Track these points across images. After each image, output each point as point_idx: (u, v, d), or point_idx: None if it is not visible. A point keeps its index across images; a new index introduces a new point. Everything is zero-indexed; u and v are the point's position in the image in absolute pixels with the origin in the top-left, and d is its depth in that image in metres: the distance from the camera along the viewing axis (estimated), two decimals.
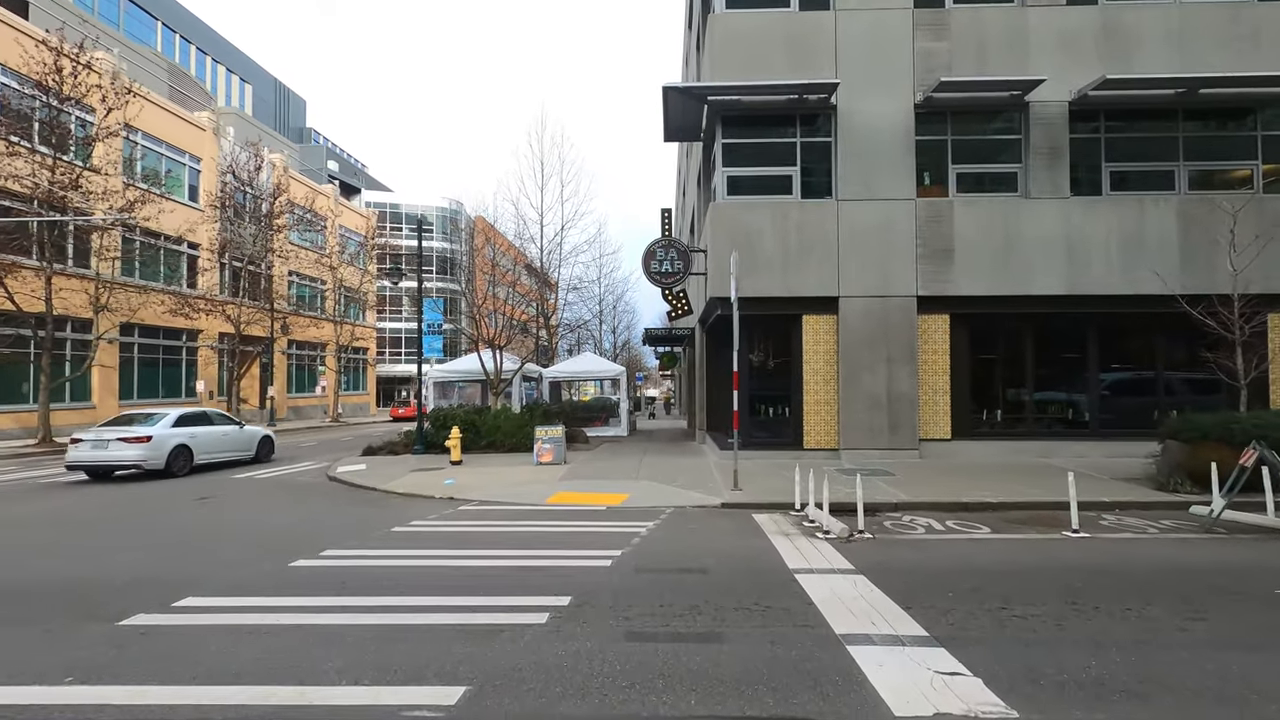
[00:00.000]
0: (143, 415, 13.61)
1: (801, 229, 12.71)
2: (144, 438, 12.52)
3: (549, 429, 13.05)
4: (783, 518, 8.20)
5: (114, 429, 12.79)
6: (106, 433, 12.60)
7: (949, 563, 5.89)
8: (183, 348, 28.36)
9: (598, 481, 10.95)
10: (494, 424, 16.44)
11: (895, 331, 12.60)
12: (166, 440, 12.88)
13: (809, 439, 12.85)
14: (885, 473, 11.16)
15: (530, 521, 8.01)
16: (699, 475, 11.38)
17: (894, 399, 12.54)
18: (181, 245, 28.12)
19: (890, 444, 12.52)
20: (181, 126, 28.30)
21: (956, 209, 12.66)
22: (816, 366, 12.89)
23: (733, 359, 10.13)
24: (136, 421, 13.14)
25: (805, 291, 12.70)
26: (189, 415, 13.98)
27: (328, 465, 14.80)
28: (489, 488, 10.63)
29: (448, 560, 6.09)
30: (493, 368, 17.61)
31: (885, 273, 12.64)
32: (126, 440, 12.40)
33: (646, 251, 13.54)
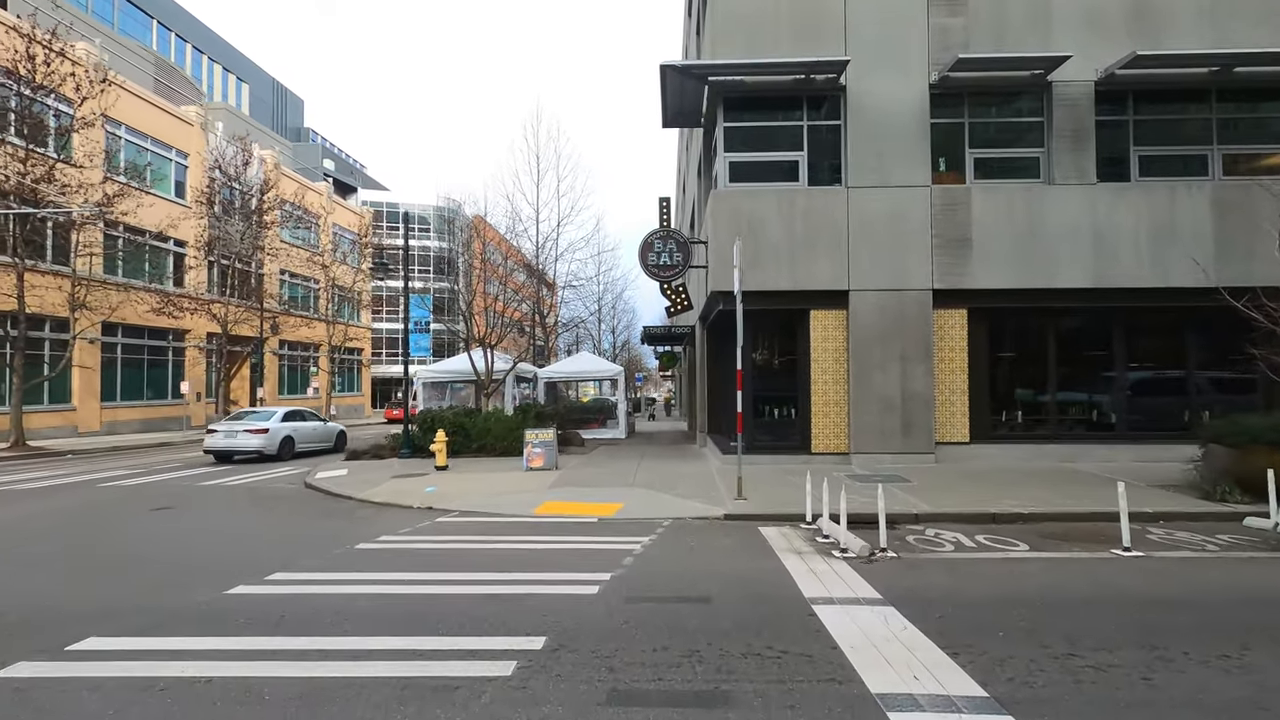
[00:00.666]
0: (258, 412, 16.61)
1: (809, 218, 11.91)
2: (262, 429, 15.52)
3: (540, 432, 12.25)
4: (793, 532, 7.38)
5: (240, 423, 15.78)
6: (235, 425, 15.66)
7: (990, 589, 5.07)
8: (169, 348, 27.55)
9: (590, 489, 10.15)
10: (484, 427, 15.64)
11: (909, 327, 11.79)
12: (278, 432, 15.87)
13: (817, 442, 12.04)
14: (901, 479, 10.35)
15: (512, 537, 7.20)
16: (699, 482, 10.57)
17: (908, 399, 11.72)
18: (168, 243, 27.36)
19: (904, 448, 11.70)
20: (167, 121, 27.52)
21: (974, 196, 11.85)
22: (825, 365, 12.08)
23: (736, 357, 9.33)
24: (254, 418, 16.14)
25: (813, 285, 11.89)
26: (291, 412, 17.10)
27: (308, 470, 14.02)
28: (472, 496, 9.82)
29: (410, 587, 5.28)
30: (483, 368, 16.81)
31: (898, 264, 11.83)
32: (250, 431, 15.41)
33: (644, 243, 12.73)
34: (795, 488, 9.74)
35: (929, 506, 8.38)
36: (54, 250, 20.83)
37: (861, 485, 9.86)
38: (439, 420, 15.84)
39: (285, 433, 16.09)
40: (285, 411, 16.71)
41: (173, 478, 12.93)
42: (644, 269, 12.73)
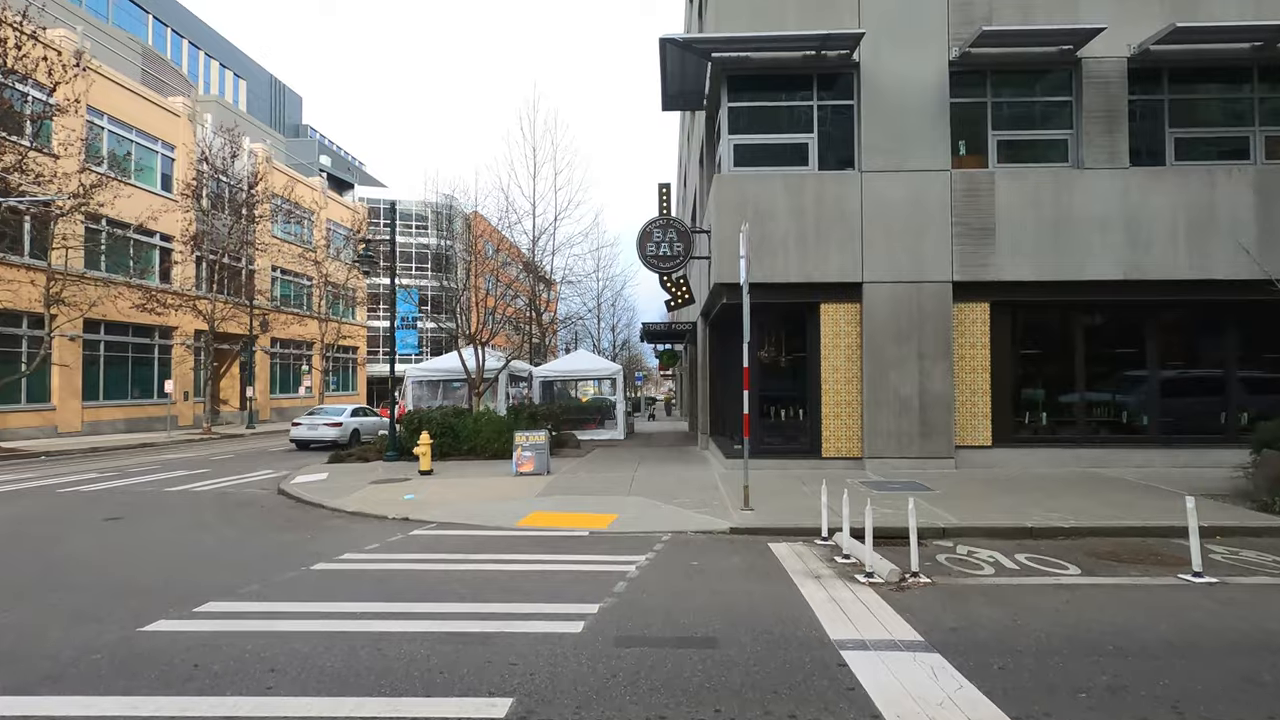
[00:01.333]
0: (330, 409, 19.71)
1: (820, 205, 11.08)
2: (337, 423, 18.68)
3: (531, 434, 11.43)
4: (807, 550, 6.56)
5: (318, 418, 18.98)
6: (315, 420, 18.87)
7: (1051, 628, 4.25)
8: (154, 346, 26.77)
9: (583, 498, 9.33)
10: (473, 428, 14.84)
11: (928, 322, 10.96)
12: (349, 425, 18.87)
13: (828, 446, 11.21)
14: (920, 487, 9.52)
15: (491, 555, 6.38)
16: (702, 490, 9.74)
17: (926, 400, 10.90)
18: (154, 237, 26.59)
19: (922, 452, 10.88)
20: (153, 112, 26.71)
21: (998, 182, 11.02)
22: (837, 363, 11.25)
23: (742, 353, 8.51)
24: (328, 413, 19.25)
25: (824, 276, 11.06)
26: (357, 409, 19.97)
27: (287, 474, 13.23)
28: (454, 505, 9.01)
29: (361, 622, 4.46)
30: (474, 366, 15.99)
31: (916, 255, 11.00)
32: (328, 425, 18.64)
33: (642, 232, 11.91)
34: (806, 497, 8.94)
35: (956, 519, 7.56)
36: (31, 243, 20.07)
37: (879, 494, 9.04)
38: (426, 421, 15.05)
39: (354, 426, 18.90)
40: (353, 409, 19.60)
41: (141, 482, 12.14)
42: (642, 260, 11.91)
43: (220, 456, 17.22)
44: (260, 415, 33.32)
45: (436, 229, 15.62)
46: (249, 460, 16.29)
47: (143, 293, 23.34)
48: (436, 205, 16.51)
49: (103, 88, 24.11)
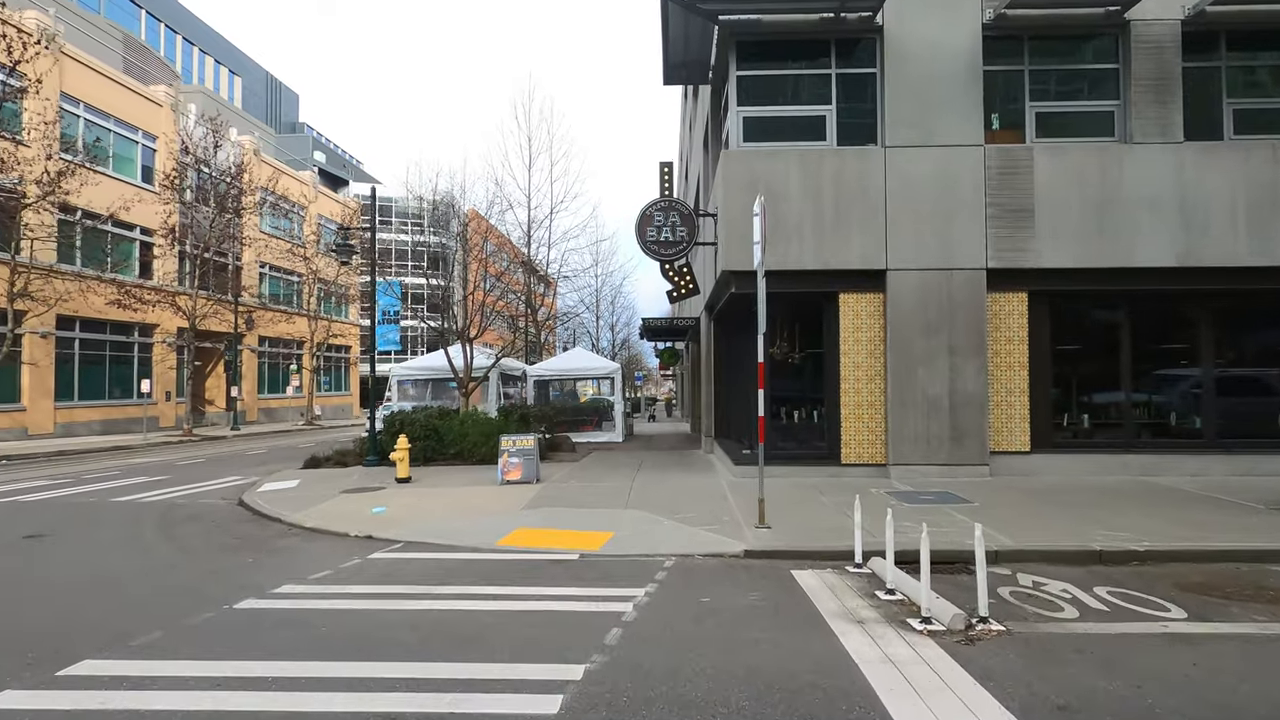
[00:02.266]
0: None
1: (839, 184, 9.98)
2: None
3: (518, 439, 10.32)
4: (840, 581, 5.45)
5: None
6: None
7: (1193, 709, 3.14)
8: (134, 344, 25.68)
9: (574, 511, 8.22)
10: (460, 431, 13.73)
11: (959, 313, 9.86)
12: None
13: (848, 452, 10.10)
14: (955, 498, 8.41)
15: (458, 588, 5.28)
16: (709, 501, 8.63)
17: (958, 401, 9.79)
18: (134, 231, 25.52)
19: (952, 458, 9.77)
20: (133, 100, 25.64)
21: (1037, 158, 9.92)
22: (858, 359, 10.15)
23: (756, 348, 7.43)
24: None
25: (843, 263, 9.96)
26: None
27: (255, 480, 12.15)
28: (427, 519, 7.91)
29: (261, 696, 3.35)
30: (461, 364, 14.89)
31: (946, 239, 9.90)
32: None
33: (641, 215, 10.81)
34: (828, 510, 7.83)
35: (1009, 539, 6.45)
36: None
37: (910, 507, 7.93)
38: (408, 423, 13.94)
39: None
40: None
41: (90, 490, 11.05)
42: (642, 246, 10.81)
43: (191, 461, 16.13)
44: (248, 416, 32.25)
45: (421, 217, 14.61)
46: (221, 464, 15.21)
47: (118, 288, 22.25)
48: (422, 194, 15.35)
49: (78, 73, 23.06)
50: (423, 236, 16.20)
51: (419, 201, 15.30)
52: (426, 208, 15.31)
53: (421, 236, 15.73)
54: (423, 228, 16.10)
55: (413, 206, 16.95)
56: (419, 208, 15.98)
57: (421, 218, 16.42)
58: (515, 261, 17.99)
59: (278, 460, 15.95)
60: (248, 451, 18.64)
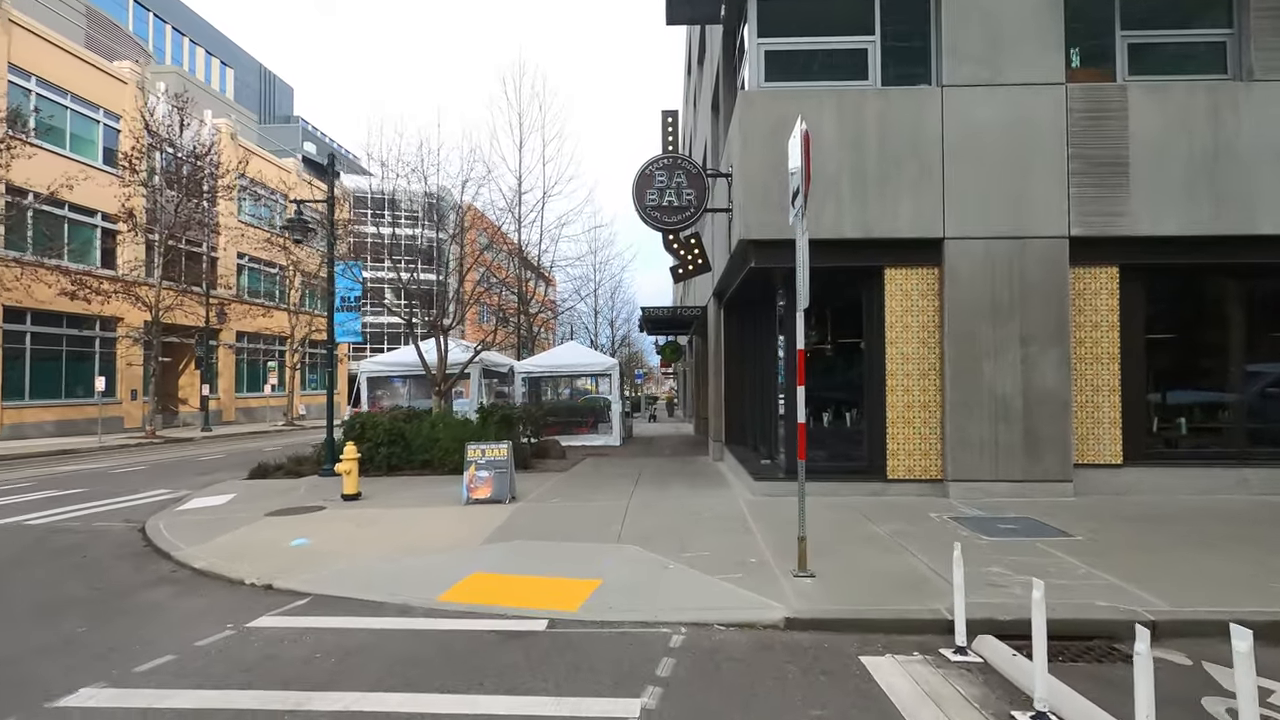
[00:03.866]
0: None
1: (884, 132, 8.05)
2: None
3: (488, 447, 8.40)
4: (940, 679, 3.53)
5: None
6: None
7: None
8: (95, 339, 23.80)
9: (551, 545, 6.29)
10: (430, 435, 11.83)
11: (1034, 293, 7.93)
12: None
13: (895, 464, 8.17)
14: (1046, 528, 6.49)
15: (348, 694, 3.36)
16: (725, 529, 6.70)
17: (1034, 401, 7.86)
18: (94, 216, 23.68)
19: (1028, 474, 7.84)
20: (93, 76, 23.75)
21: (1131, 99, 7.98)
22: (906, 349, 8.22)
23: (791, 330, 5.52)
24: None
25: (889, 230, 8.03)
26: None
27: (186, 494, 10.30)
28: (359, 556, 6.00)
29: None
30: (434, 359, 12.96)
31: (1019, 200, 7.97)
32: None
33: (641, 174, 8.88)
34: (882, 544, 5.89)
35: (1160, 599, 4.51)
36: None
37: (991, 541, 6.00)
38: (371, 426, 12.05)
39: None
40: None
41: None
42: (641, 213, 8.87)
43: (132, 468, 14.25)
44: (224, 416, 30.43)
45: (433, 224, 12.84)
46: (162, 473, 13.32)
47: (68, 277, 20.34)
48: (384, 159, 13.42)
49: (29, 44, 21.18)
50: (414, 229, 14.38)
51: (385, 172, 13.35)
52: (389, 173, 13.36)
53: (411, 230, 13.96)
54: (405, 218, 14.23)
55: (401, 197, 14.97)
56: (407, 200, 14.12)
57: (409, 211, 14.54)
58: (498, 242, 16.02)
59: (232, 467, 14.05)
60: (202, 457, 16.76)
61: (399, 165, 13.16)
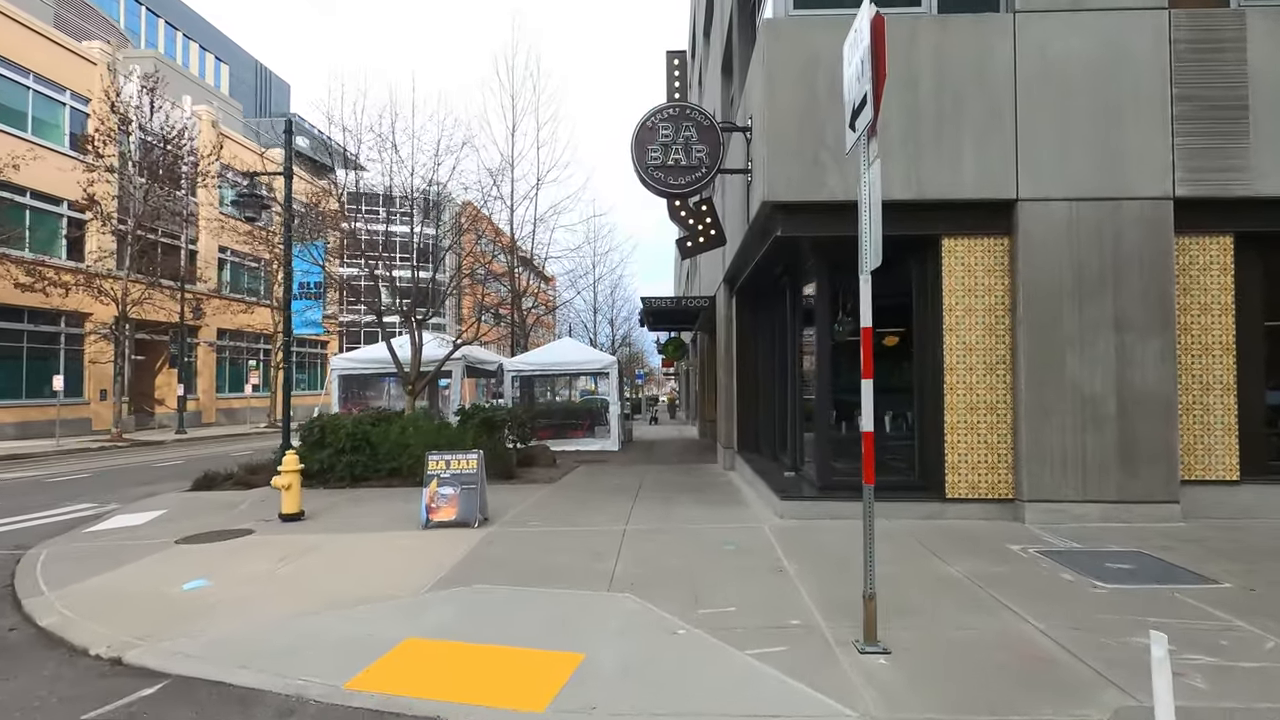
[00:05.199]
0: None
1: (942, 70, 6.52)
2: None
3: (455, 456, 6.86)
4: None
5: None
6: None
7: None
8: (60, 335, 22.31)
9: (520, 594, 4.72)
10: (399, 441, 10.30)
11: (1130, 268, 6.38)
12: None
13: (955, 480, 6.62)
14: (1174, 570, 4.93)
15: None
16: (752, 571, 5.13)
17: (1130, 401, 6.31)
18: (60, 205, 22.23)
19: (1123, 492, 6.28)
20: (59, 55, 22.31)
21: (1251, 26, 6.44)
22: (970, 339, 6.67)
23: (859, 297, 4.12)
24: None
25: (948, 190, 6.49)
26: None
27: (114, 509, 8.83)
28: (266, 607, 4.46)
29: None
30: (407, 355, 11.42)
31: (1110, 153, 6.43)
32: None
33: (641, 127, 7.33)
34: (963, 594, 4.24)
35: None
36: None
37: (1111, 592, 4.43)
38: (335, 429, 10.54)
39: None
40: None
41: None
42: (642, 174, 7.33)
43: (75, 476, 12.76)
44: (204, 417, 28.94)
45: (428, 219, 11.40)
46: (100, 483, 11.82)
47: (25, 268, 18.83)
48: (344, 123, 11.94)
49: None
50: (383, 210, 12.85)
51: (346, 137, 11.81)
52: (350, 138, 11.83)
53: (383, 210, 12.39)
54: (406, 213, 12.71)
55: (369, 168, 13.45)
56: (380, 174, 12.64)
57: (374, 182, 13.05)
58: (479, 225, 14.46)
59: (186, 475, 12.48)
60: (160, 463, 15.24)
61: (360, 131, 11.64)
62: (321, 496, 9.31)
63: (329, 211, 16.16)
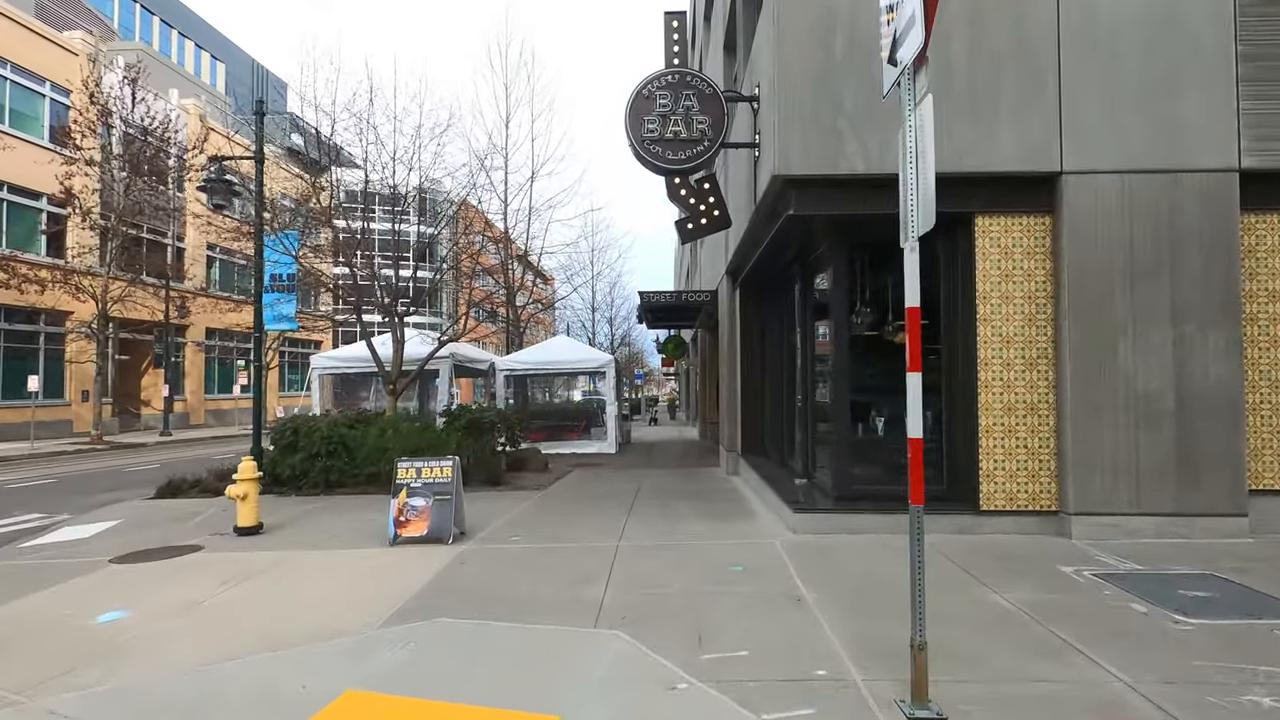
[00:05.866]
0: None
1: (976, 24, 5.78)
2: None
3: (427, 464, 6.11)
4: None
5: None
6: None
7: None
8: (40, 334, 21.59)
9: (491, 628, 3.97)
10: (378, 444, 9.56)
11: (1190, 249, 5.64)
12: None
13: (990, 490, 5.87)
14: (1259, 598, 4.19)
15: None
16: (766, 602, 4.37)
17: (1190, 400, 5.56)
18: (40, 200, 21.53)
19: (1181, 504, 5.54)
20: (38, 45, 21.60)
21: None
22: (1006, 330, 5.93)
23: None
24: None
25: (982, 162, 5.75)
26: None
27: (58, 522, 8.10)
28: (183, 649, 3.70)
29: None
30: (388, 353, 10.68)
31: (1165, 121, 5.68)
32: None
33: (636, 96, 6.58)
34: (1031, 640, 3.37)
35: None
36: None
37: (1198, 629, 3.67)
38: (309, 432, 9.81)
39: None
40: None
41: None
42: (637, 149, 6.57)
43: (39, 481, 12.06)
44: (192, 419, 28.24)
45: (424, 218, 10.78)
46: (62, 490, 11.10)
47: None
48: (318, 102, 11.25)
49: None
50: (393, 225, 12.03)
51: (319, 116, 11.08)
52: (323, 116, 11.09)
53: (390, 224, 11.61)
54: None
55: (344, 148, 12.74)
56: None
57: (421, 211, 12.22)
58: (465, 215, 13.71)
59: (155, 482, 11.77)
60: (134, 467, 14.51)
61: (335, 111, 10.91)
62: (291, 505, 8.58)
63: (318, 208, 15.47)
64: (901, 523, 5.72)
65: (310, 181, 12.66)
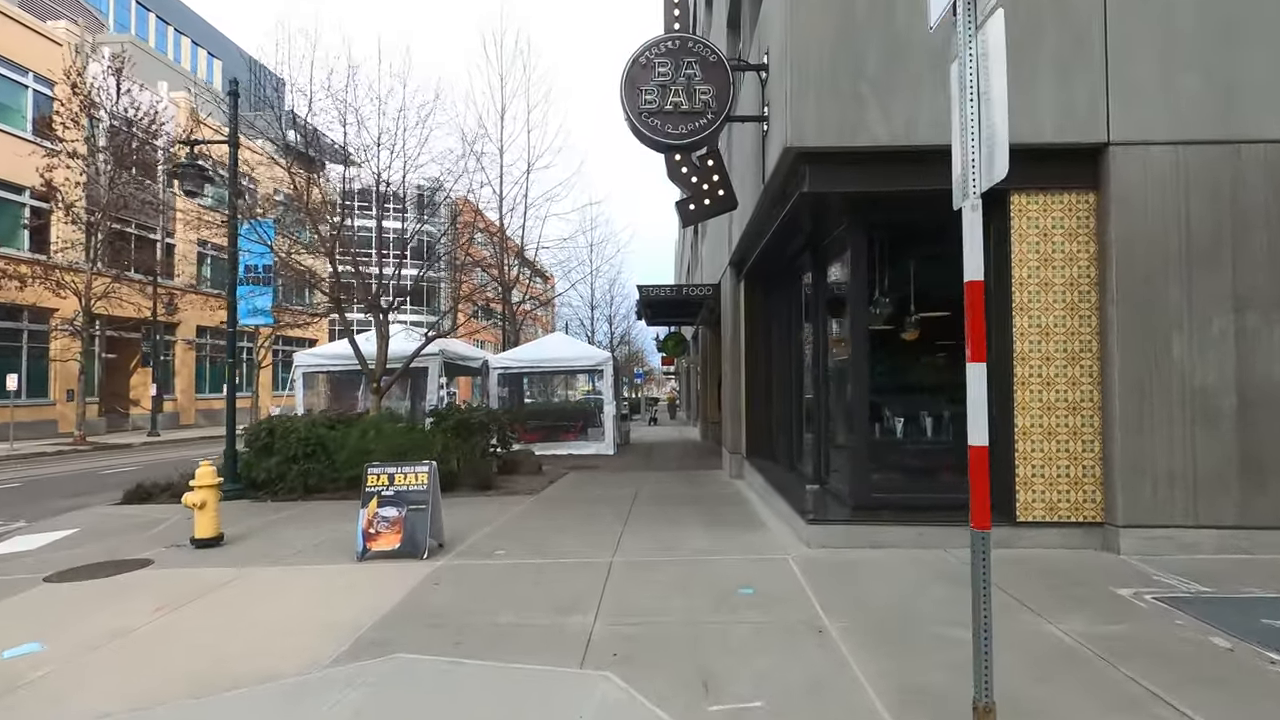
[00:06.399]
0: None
1: None
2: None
3: (400, 470, 5.51)
4: None
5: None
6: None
7: None
8: (23, 331, 21.01)
9: (458, 668, 3.37)
10: (358, 446, 8.96)
11: (1253, 229, 5.03)
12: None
13: (1028, 499, 5.27)
14: None
15: None
16: (781, 634, 3.77)
17: (1254, 399, 4.96)
18: (23, 194, 20.95)
19: (1245, 515, 4.93)
20: (22, 35, 21.02)
21: None
22: (1045, 320, 5.32)
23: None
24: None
25: (1018, 132, 5.09)
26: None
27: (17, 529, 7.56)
28: (105, 691, 3.09)
29: None
30: (372, 350, 10.09)
31: (1224, 87, 5.08)
32: None
33: (633, 64, 5.97)
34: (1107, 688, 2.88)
35: None
36: None
37: None
38: (284, 434, 9.23)
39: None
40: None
41: None
42: (634, 122, 5.96)
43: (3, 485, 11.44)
44: (182, 419, 27.66)
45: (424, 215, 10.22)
46: (27, 494, 10.54)
47: None
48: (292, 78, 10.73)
49: None
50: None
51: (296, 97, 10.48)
52: (299, 96, 10.49)
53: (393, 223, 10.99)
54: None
55: None
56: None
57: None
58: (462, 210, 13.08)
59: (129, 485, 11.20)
60: (110, 470, 13.93)
61: (311, 90, 10.32)
62: (262, 513, 8.01)
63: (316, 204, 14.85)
64: (916, 535, 5.15)
65: (303, 177, 12.04)
